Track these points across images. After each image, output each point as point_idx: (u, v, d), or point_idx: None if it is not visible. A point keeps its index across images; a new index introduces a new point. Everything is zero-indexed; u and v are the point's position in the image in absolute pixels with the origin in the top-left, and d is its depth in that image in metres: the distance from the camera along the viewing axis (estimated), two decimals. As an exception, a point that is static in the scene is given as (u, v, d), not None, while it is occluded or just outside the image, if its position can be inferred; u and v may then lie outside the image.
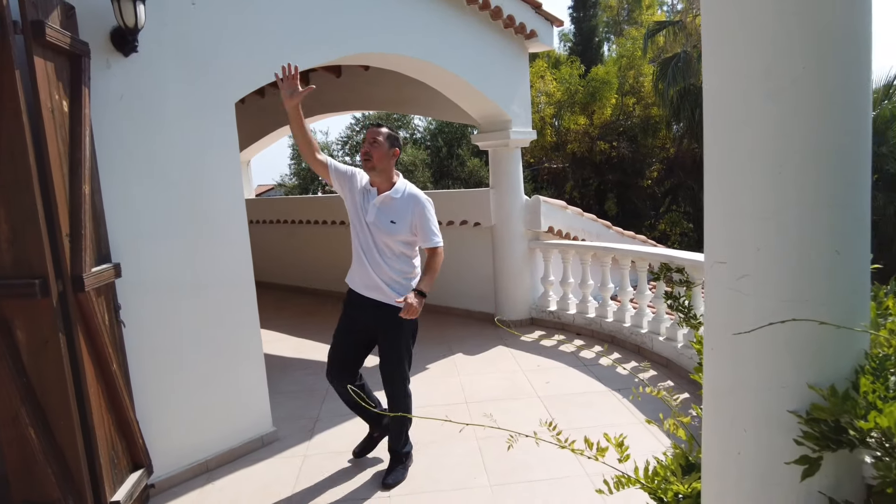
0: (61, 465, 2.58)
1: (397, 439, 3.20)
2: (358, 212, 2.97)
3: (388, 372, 3.10)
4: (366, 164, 2.93)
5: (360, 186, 3.00)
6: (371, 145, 2.91)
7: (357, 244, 3.01)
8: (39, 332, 2.50)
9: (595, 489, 2.00)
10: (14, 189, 2.41)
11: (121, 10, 2.78)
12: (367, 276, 2.96)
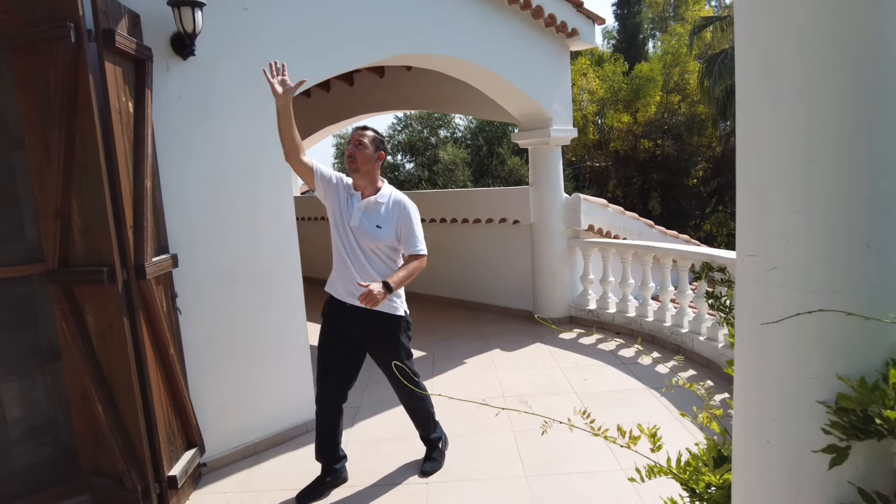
0: (125, 440, 2.78)
1: (426, 426, 3.24)
2: (342, 216, 2.85)
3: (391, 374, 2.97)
4: (350, 165, 2.83)
5: (342, 190, 2.88)
6: (356, 147, 2.82)
7: (340, 249, 2.86)
8: (106, 316, 2.70)
9: (628, 477, 2.04)
10: (87, 185, 2.61)
11: (181, 16, 2.96)
12: (353, 282, 2.79)
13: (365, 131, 2.90)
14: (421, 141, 17.49)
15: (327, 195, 2.87)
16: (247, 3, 3.39)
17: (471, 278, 7.08)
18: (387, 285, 2.69)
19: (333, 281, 2.94)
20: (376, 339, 2.96)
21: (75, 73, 2.55)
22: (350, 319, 2.89)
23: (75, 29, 2.49)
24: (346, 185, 2.91)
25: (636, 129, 15.75)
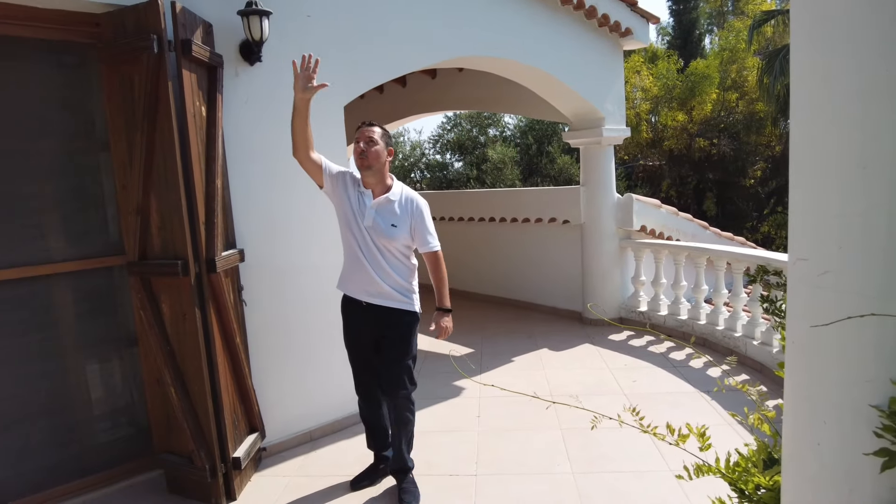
0: (195, 421, 2.98)
1: (408, 444, 3.03)
2: (354, 214, 2.77)
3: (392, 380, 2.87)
4: (361, 162, 2.73)
5: (351, 186, 2.81)
6: (367, 144, 2.73)
7: (354, 249, 2.79)
8: (180, 306, 2.90)
9: (675, 475, 2.07)
10: (164, 184, 2.82)
11: (249, 25, 3.14)
12: (371, 282, 2.77)
13: (373, 127, 2.80)
14: (470, 140, 17.55)
15: (335, 191, 2.80)
16: (310, 11, 3.55)
17: (518, 277, 7.13)
18: (445, 310, 2.86)
19: (347, 280, 2.89)
20: (392, 335, 2.87)
21: (156, 81, 2.75)
22: (368, 317, 2.85)
23: (158, 40, 2.69)
24: (355, 181, 2.82)
25: (691, 128, 15.36)
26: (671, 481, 3.02)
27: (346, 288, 2.91)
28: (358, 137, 2.77)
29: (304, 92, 2.57)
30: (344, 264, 2.92)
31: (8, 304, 2.97)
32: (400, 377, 2.86)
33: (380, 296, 2.80)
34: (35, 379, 3.07)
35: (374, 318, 2.84)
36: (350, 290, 2.88)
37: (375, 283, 2.78)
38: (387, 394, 2.96)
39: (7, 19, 2.83)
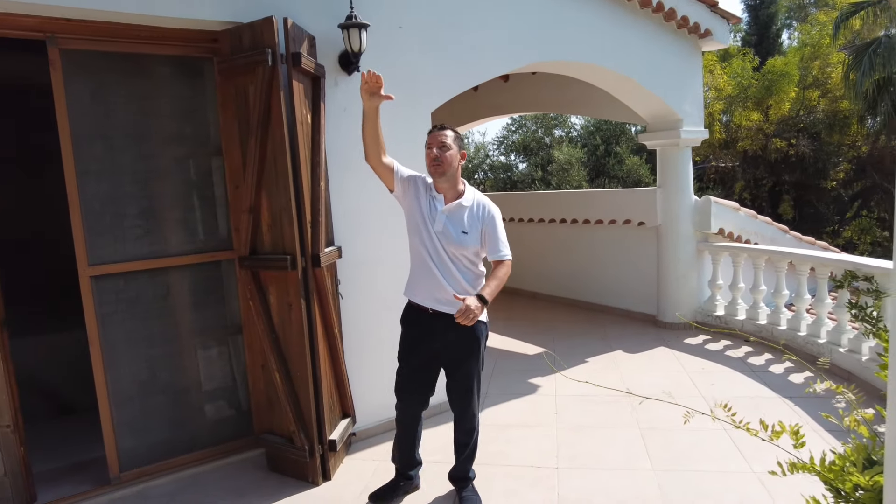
0: (296, 405, 3.23)
1: (472, 456, 3.02)
2: (425, 220, 2.70)
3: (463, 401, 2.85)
4: (436, 169, 2.67)
5: (423, 191, 2.75)
6: (441, 150, 2.66)
7: (423, 254, 2.72)
8: (286, 297, 3.16)
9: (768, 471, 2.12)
10: (275, 186, 3.08)
11: (349, 37, 3.37)
12: (440, 288, 2.68)
13: (444, 131, 2.72)
14: (535, 141, 17.56)
15: (406, 195, 2.75)
16: (401, 23, 3.76)
17: (590, 279, 7.14)
18: (482, 299, 2.53)
19: (415, 287, 2.80)
20: (460, 346, 2.76)
21: (270, 91, 3.01)
22: (434, 327, 2.75)
23: (272, 54, 2.96)
24: (427, 186, 2.76)
25: (767, 128, 14.76)
26: (754, 483, 3.03)
27: (413, 295, 2.82)
28: (430, 143, 2.71)
29: (372, 99, 2.54)
30: (412, 271, 2.85)
31: (134, 293, 3.33)
32: (472, 395, 2.83)
33: (448, 303, 2.67)
34: (156, 360, 3.42)
35: (442, 328, 2.72)
36: (417, 297, 2.79)
37: (444, 290, 2.67)
38: (456, 408, 2.90)
39: (137, 39, 3.17)
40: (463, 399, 2.86)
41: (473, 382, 2.84)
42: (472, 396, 2.86)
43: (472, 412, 2.88)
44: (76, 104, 3.10)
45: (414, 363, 2.87)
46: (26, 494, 3.16)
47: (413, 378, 2.89)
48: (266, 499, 3.16)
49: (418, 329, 2.82)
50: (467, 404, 2.86)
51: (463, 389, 2.84)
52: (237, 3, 3.19)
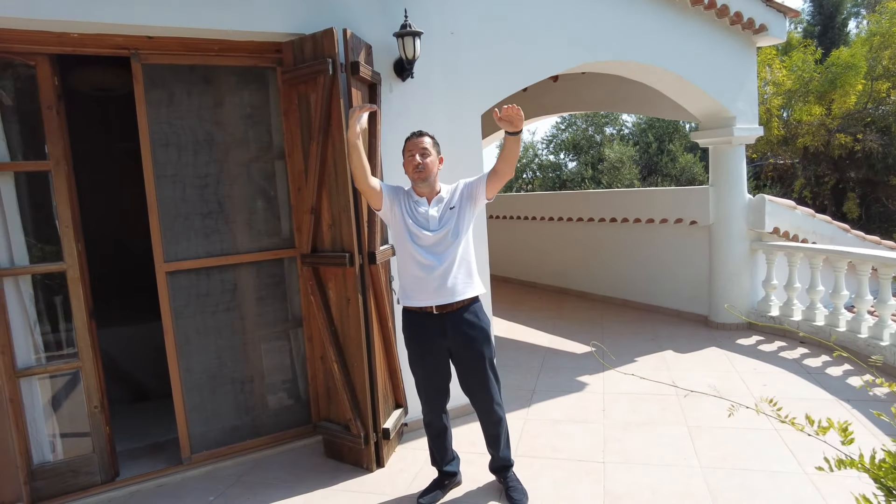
0: (353, 394, 3.42)
1: (508, 442, 3.10)
2: (416, 225, 2.79)
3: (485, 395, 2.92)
4: (419, 175, 2.77)
5: (405, 201, 2.84)
6: (422, 156, 2.77)
7: (419, 257, 2.78)
8: (344, 292, 3.35)
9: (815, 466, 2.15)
10: (335, 188, 3.28)
11: (404, 45, 3.53)
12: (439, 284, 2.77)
13: (423, 137, 2.82)
14: (585, 139, 17.40)
15: (392, 209, 2.82)
16: (453, 28, 3.90)
17: (640, 279, 7.10)
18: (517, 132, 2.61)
19: (412, 294, 2.85)
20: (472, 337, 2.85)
21: (330, 98, 3.21)
22: (444, 325, 2.83)
23: (332, 63, 3.15)
24: (406, 193, 2.87)
25: (830, 123, 14.15)
26: (806, 483, 3.01)
27: (411, 301, 2.86)
28: (411, 149, 2.80)
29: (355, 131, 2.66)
30: (404, 279, 2.90)
31: (204, 288, 3.59)
32: (490, 386, 2.92)
33: (447, 293, 2.78)
34: (223, 351, 3.67)
35: (451, 324, 2.82)
36: (418, 302, 2.84)
37: (443, 284, 2.77)
38: (480, 411, 2.99)
39: (209, 52, 3.43)
40: (483, 389, 2.92)
41: (490, 371, 2.91)
42: (492, 385, 2.93)
43: (496, 401, 2.95)
44: (155, 114, 3.38)
45: (429, 366, 2.94)
46: (111, 470, 3.47)
47: (432, 382, 2.98)
48: (324, 482, 3.36)
49: (426, 332, 2.87)
50: (490, 395, 2.92)
51: (483, 380, 2.90)
52: (300, 16, 3.40)
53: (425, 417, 3.09)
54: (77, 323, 3.34)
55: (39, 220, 3.35)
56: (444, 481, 3.15)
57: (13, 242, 3.20)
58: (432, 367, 2.94)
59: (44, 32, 3.03)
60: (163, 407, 4.51)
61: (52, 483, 3.29)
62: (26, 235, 3.28)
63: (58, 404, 3.43)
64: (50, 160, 3.21)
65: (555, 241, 8.28)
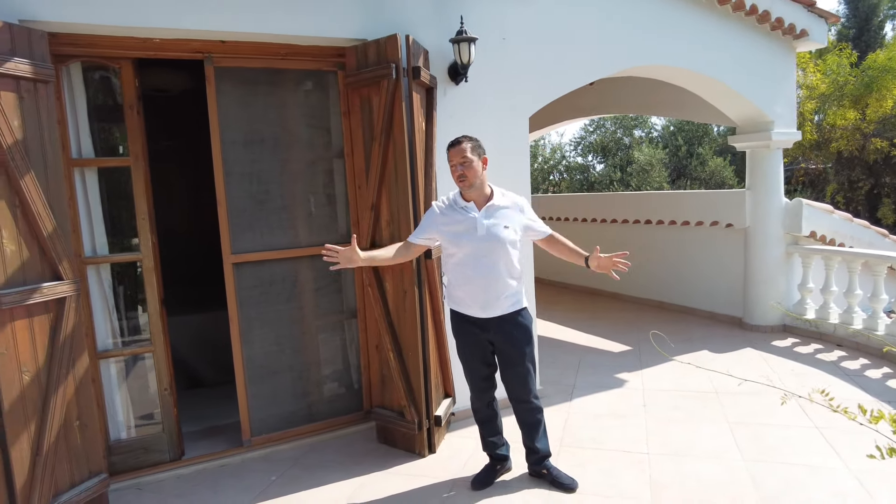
0: (407, 382, 3.59)
1: (546, 435, 3.23)
2: (466, 233, 2.88)
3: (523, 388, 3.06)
4: (463, 183, 2.86)
5: (451, 214, 2.93)
6: (463, 166, 2.83)
7: (467, 267, 2.90)
8: (402, 285, 3.52)
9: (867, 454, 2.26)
10: (395, 186, 3.46)
11: (459, 50, 3.70)
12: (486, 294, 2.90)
13: (462, 145, 2.86)
14: (614, 142, 17.42)
15: (442, 236, 2.95)
16: (505, 34, 4.06)
17: (674, 281, 7.17)
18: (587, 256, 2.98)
19: (462, 301, 3.00)
20: (515, 336, 3.00)
21: (392, 102, 3.39)
22: (488, 324, 2.98)
23: (395, 68, 3.32)
24: (449, 206, 2.96)
25: (865, 128, 13.98)
26: (849, 478, 3.10)
27: (462, 308, 3.02)
28: (452, 160, 2.88)
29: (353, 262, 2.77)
30: (452, 284, 3.04)
31: (269, 279, 3.79)
32: (529, 381, 3.06)
33: (496, 306, 2.92)
34: (284, 339, 3.88)
35: (496, 324, 2.97)
36: (468, 310, 2.99)
37: (490, 293, 2.90)
38: (517, 401, 3.12)
39: (276, 55, 3.64)
40: (524, 382, 3.06)
41: (530, 366, 3.06)
42: (532, 378, 3.09)
43: (534, 392, 3.12)
44: (224, 114, 3.59)
45: (478, 359, 3.10)
46: (178, 449, 3.69)
47: (484, 378, 3.15)
48: (379, 466, 3.53)
49: (472, 334, 3.05)
50: (529, 387, 3.08)
51: (524, 372, 3.04)
52: (362, 23, 3.59)
53: (473, 404, 3.26)
54: (150, 309, 3.57)
55: (115, 212, 3.59)
56: (495, 466, 3.29)
57: (96, 234, 3.44)
58: (479, 360, 3.11)
59: (130, 38, 3.26)
60: (215, 394, 4.76)
61: (126, 459, 3.52)
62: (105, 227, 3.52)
63: (131, 386, 3.66)
64: (130, 156, 3.44)
65: (588, 242, 8.33)
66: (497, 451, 3.29)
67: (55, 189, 2.93)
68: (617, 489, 3.13)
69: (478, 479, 3.24)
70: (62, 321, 2.96)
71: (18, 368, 2.79)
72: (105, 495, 3.19)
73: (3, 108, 2.69)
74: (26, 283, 2.82)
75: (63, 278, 2.96)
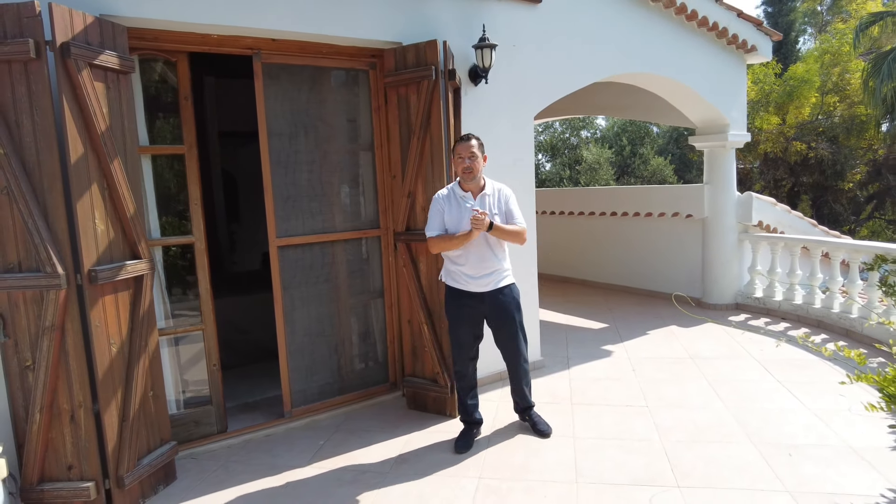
0: (440, 351, 4.01)
1: (530, 390, 3.78)
2: (461, 220, 3.33)
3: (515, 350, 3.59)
4: (467, 175, 3.33)
5: (454, 203, 3.38)
6: (471, 159, 3.30)
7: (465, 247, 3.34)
8: (435, 265, 3.94)
9: (839, 382, 2.90)
10: (430, 176, 3.88)
11: (482, 56, 4.15)
12: (480, 268, 3.38)
13: (471, 141, 3.33)
14: (562, 142, 18.32)
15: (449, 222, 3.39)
16: (515, 42, 4.55)
17: (640, 267, 7.91)
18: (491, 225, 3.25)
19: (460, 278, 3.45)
20: (508, 308, 3.49)
21: (430, 100, 3.80)
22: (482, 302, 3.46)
23: (435, 70, 3.74)
24: (449, 196, 3.42)
25: (787, 132, 15.49)
26: (812, 416, 3.79)
27: (459, 283, 3.46)
28: (461, 153, 3.33)
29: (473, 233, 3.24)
30: (451, 263, 3.49)
31: (310, 261, 4.12)
32: (519, 343, 3.59)
33: (490, 282, 3.41)
34: (323, 317, 4.21)
35: (489, 301, 3.45)
36: (462, 284, 3.45)
37: (483, 268, 3.37)
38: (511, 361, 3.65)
39: (318, 54, 3.98)
40: (517, 345, 3.60)
41: (521, 332, 3.58)
42: (521, 338, 3.60)
43: (523, 351, 3.64)
44: (271, 107, 3.89)
45: (470, 332, 3.55)
46: (223, 422, 3.95)
47: (470, 349, 3.61)
48: (417, 426, 3.94)
49: (472, 307, 3.49)
50: (518, 345, 3.60)
51: (516, 336, 3.57)
52: (399, 28, 3.99)
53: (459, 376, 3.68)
54: (201, 290, 3.82)
55: (165, 198, 3.82)
56: (472, 430, 3.71)
57: (150, 217, 3.66)
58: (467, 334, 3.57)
59: (192, 33, 3.51)
60: (233, 375, 4.98)
61: (180, 431, 3.75)
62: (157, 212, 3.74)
63: (183, 362, 3.90)
64: (184, 145, 3.69)
65: (558, 234, 9.02)
66: (474, 416, 3.71)
67: (133, 174, 3.17)
68: (631, 433, 3.70)
69: (460, 444, 3.59)
70: (141, 297, 3.21)
71: (108, 341, 3.03)
72: (173, 462, 3.44)
73: (97, 97, 2.92)
74: (113, 261, 3.05)
75: (141, 257, 3.21)
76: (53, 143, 2.81)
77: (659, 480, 3.11)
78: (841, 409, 3.86)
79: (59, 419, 2.94)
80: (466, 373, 3.66)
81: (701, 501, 2.90)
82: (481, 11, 4.37)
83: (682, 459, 3.32)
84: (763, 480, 3.06)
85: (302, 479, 3.34)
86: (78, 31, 2.85)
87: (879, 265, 5.36)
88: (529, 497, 3.02)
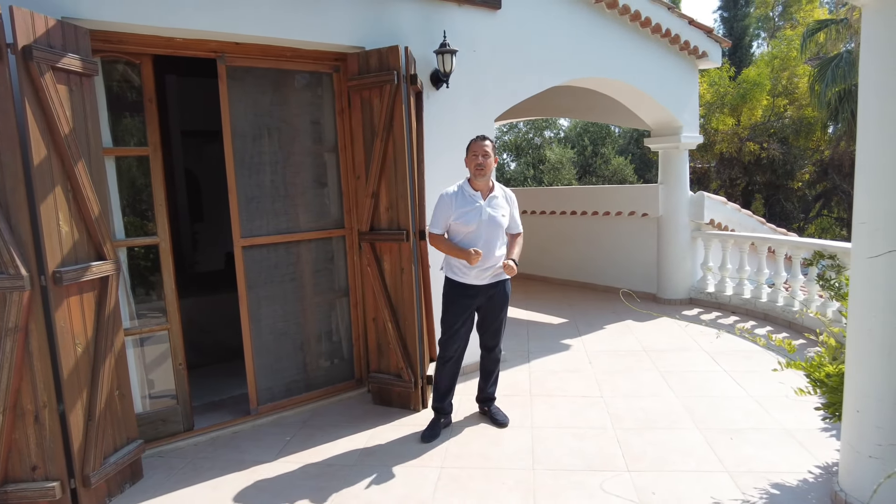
0: (404, 348, 4.14)
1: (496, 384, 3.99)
2: (475, 216, 3.50)
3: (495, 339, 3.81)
4: (480, 172, 3.50)
5: (461, 200, 3.53)
6: (484, 158, 3.49)
7: (470, 244, 3.50)
8: (398, 263, 4.07)
9: (772, 369, 3.13)
10: (394, 177, 3.99)
11: (443, 60, 4.29)
12: (483, 265, 3.52)
13: (486, 141, 3.54)
14: (526, 141, 18.62)
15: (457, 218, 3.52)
16: (474, 47, 4.70)
17: (599, 263, 8.18)
18: (515, 261, 3.57)
19: (462, 271, 3.59)
20: (500, 301, 3.70)
21: (393, 104, 3.92)
22: (481, 291, 3.62)
23: (398, 74, 3.86)
24: (457, 194, 3.55)
25: (741, 132, 16.10)
26: (753, 403, 4.05)
27: (466, 277, 3.59)
28: (476, 151, 3.52)
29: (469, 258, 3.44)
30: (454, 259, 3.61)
31: (275, 260, 4.19)
32: (500, 335, 3.82)
33: (492, 274, 3.59)
34: (288, 315, 4.29)
35: (486, 290, 3.63)
36: (462, 277, 3.60)
37: (485, 265, 3.53)
38: (488, 349, 3.85)
39: (282, 57, 4.05)
40: (495, 337, 3.81)
41: (503, 324, 3.80)
42: (502, 334, 3.83)
43: (500, 347, 3.87)
44: (235, 109, 3.94)
45: (465, 322, 3.69)
46: (190, 420, 4.00)
47: (463, 338, 3.73)
48: (382, 421, 4.06)
49: (469, 297, 3.64)
50: (498, 341, 3.83)
51: (500, 328, 3.79)
52: (362, 32, 4.09)
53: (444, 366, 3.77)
54: (166, 290, 3.85)
55: (130, 199, 3.84)
56: (440, 420, 3.84)
57: (115, 218, 3.69)
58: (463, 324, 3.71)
59: (155, 36, 3.55)
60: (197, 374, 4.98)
61: (147, 429, 3.78)
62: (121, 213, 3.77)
63: (149, 362, 3.93)
64: (149, 146, 3.72)
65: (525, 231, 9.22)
66: (447, 411, 3.87)
67: (97, 175, 3.20)
68: (586, 421, 3.89)
69: (427, 434, 3.74)
70: (106, 298, 3.24)
71: (73, 341, 3.06)
72: (140, 460, 3.48)
73: (60, 100, 2.95)
74: (78, 262, 3.09)
75: (106, 258, 3.24)
76: (16, 146, 2.83)
77: (611, 465, 3.31)
78: (779, 394, 4.13)
79: (23, 420, 2.95)
80: (452, 355, 3.75)
81: (649, 483, 3.10)
82: (442, 17, 4.50)
83: (632, 445, 3.53)
84: (706, 462, 3.29)
85: (269, 473, 3.42)
86: (40, 35, 2.87)
87: (818, 261, 5.70)
88: (489, 483, 3.18)
